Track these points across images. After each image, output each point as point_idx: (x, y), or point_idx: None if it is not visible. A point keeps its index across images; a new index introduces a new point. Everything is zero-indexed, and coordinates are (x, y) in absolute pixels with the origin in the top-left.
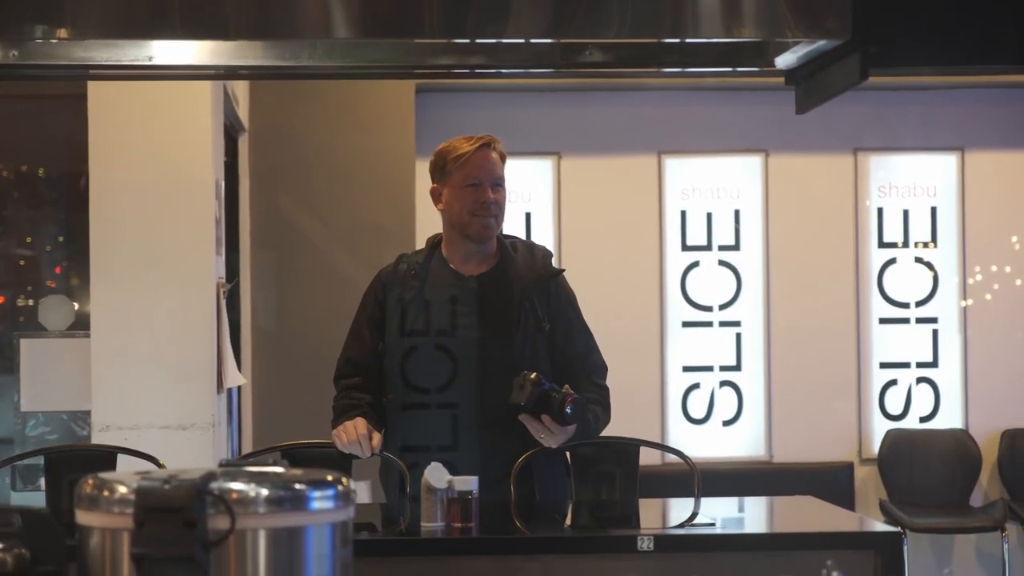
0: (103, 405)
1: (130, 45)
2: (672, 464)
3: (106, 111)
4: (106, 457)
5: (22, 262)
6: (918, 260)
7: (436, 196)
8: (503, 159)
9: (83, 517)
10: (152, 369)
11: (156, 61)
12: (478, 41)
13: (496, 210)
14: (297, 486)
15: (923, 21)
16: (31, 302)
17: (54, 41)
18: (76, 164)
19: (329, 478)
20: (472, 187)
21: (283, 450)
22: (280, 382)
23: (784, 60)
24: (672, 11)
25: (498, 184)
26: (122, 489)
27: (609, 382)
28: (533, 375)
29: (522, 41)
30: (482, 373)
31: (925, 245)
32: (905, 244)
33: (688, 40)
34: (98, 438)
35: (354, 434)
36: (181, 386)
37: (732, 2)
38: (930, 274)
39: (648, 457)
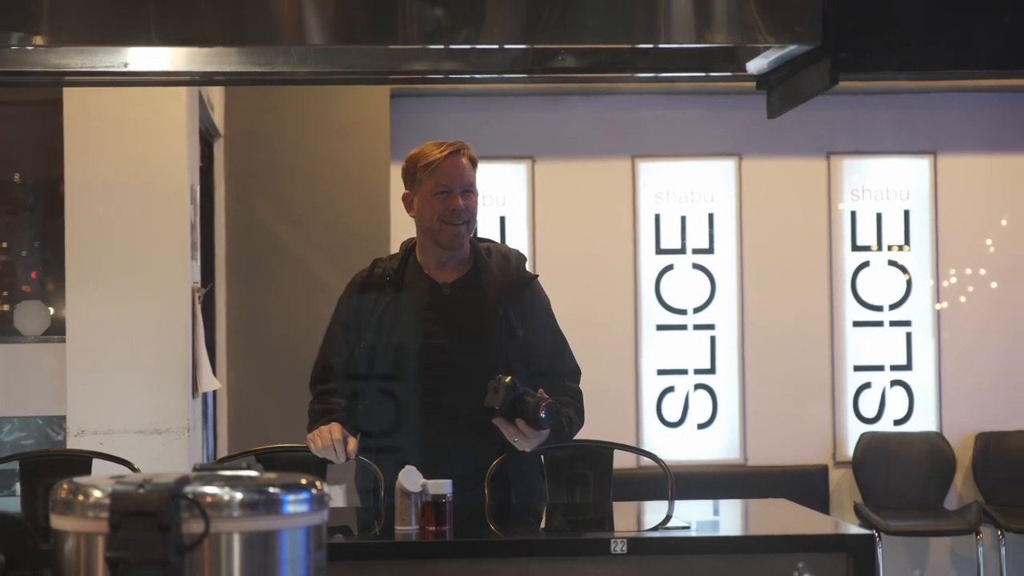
0: (78, 410)
1: (105, 52)
2: (647, 467)
3: (81, 117)
4: (81, 462)
5: None
6: (891, 263)
7: (408, 203)
8: (474, 164)
9: (58, 521)
10: (127, 374)
11: (131, 67)
12: (452, 47)
13: (467, 217)
14: (271, 490)
15: (894, 26)
16: (6, 307)
17: (29, 48)
18: (52, 170)
19: (303, 482)
20: (442, 194)
21: (258, 454)
22: (255, 386)
23: (755, 65)
24: (644, 17)
25: (468, 190)
26: (97, 493)
27: (584, 385)
28: (507, 379)
29: (496, 47)
30: (457, 379)
31: (899, 248)
32: (879, 247)
33: (661, 46)
34: (73, 443)
35: (328, 439)
36: (156, 391)
37: (704, 8)
38: (904, 277)
39: (622, 460)
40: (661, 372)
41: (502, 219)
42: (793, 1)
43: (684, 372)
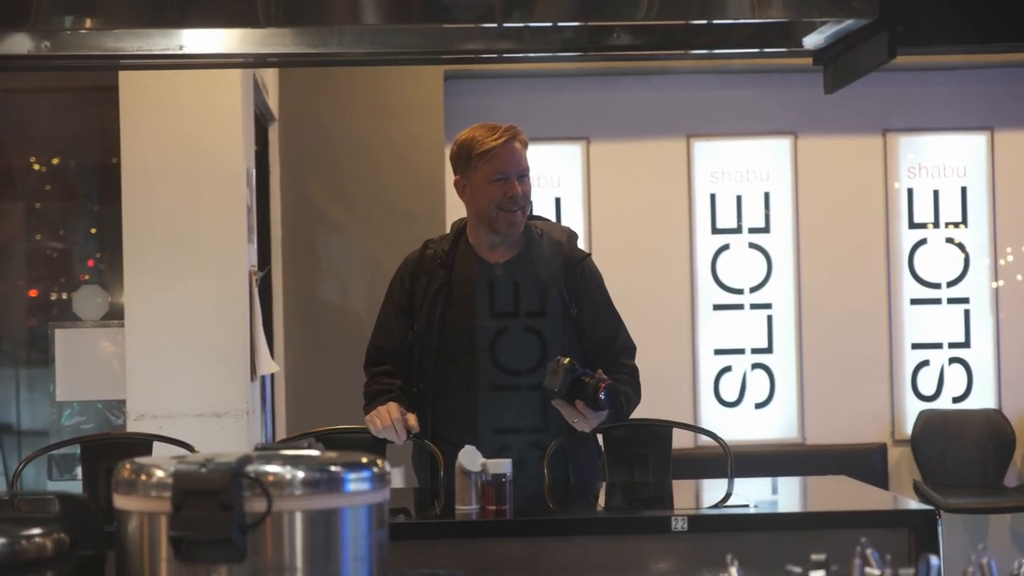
0: (138, 394)
1: (160, 34)
2: (705, 447)
3: (137, 102)
4: (142, 445)
5: (55, 254)
6: (949, 240)
7: (461, 188)
8: (526, 146)
9: (121, 501)
10: (186, 357)
11: (186, 50)
12: (506, 25)
13: (523, 202)
14: (333, 468)
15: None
16: (64, 295)
17: (84, 31)
18: (108, 156)
19: (364, 460)
20: (499, 182)
21: (317, 436)
22: (313, 369)
23: (812, 40)
24: None
25: (523, 175)
26: (159, 473)
27: (641, 365)
28: (566, 360)
29: (550, 25)
30: (512, 361)
31: (956, 225)
32: (936, 225)
33: (716, 22)
34: (133, 427)
35: (388, 419)
36: (215, 374)
37: None
38: (961, 255)
39: (680, 440)
40: (718, 352)
41: (557, 200)
42: None
43: (741, 352)
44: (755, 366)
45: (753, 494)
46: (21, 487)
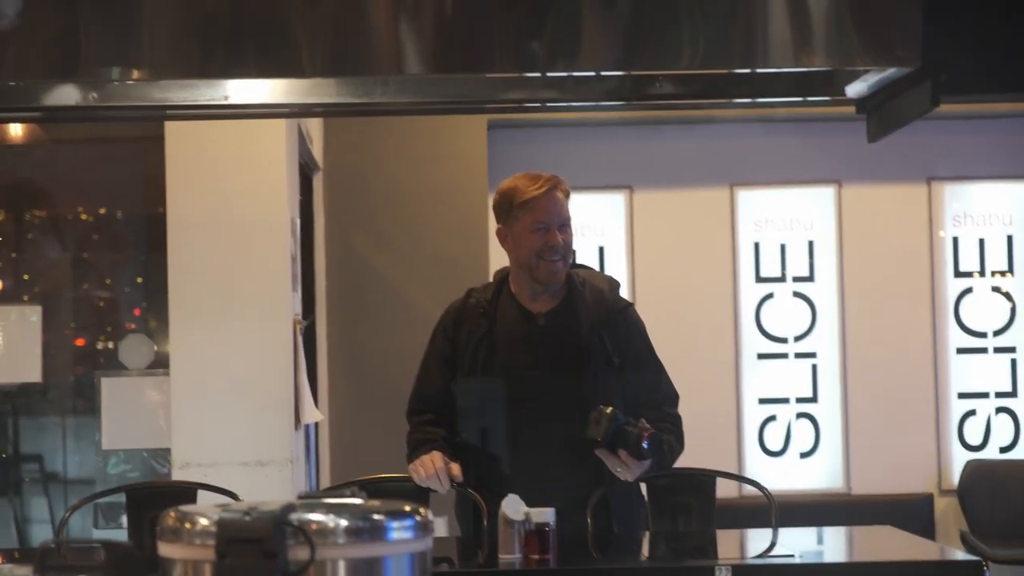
0: (183, 442)
1: (206, 85)
2: (749, 496)
3: (183, 152)
4: (187, 493)
5: (102, 303)
6: (995, 289)
7: (503, 237)
8: (567, 196)
9: (165, 549)
10: (231, 406)
11: (232, 100)
12: (549, 75)
13: (564, 251)
14: (376, 517)
15: (994, 48)
16: (111, 344)
17: (131, 83)
18: (154, 206)
19: (407, 509)
20: (540, 231)
21: (361, 484)
22: (357, 418)
23: (855, 89)
24: (742, 42)
25: (565, 225)
26: (203, 521)
27: (685, 414)
28: (609, 410)
29: (593, 74)
30: (554, 409)
31: (1002, 274)
32: (981, 273)
33: (759, 71)
34: (178, 475)
35: (431, 468)
36: (259, 423)
37: (802, 32)
38: (1008, 304)
39: (724, 490)
40: (763, 401)
41: (601, 249)
42: (892, 24)
43: (786, 401)
44: (800, 415)
45: (798, 544)
46: (67, 535)
